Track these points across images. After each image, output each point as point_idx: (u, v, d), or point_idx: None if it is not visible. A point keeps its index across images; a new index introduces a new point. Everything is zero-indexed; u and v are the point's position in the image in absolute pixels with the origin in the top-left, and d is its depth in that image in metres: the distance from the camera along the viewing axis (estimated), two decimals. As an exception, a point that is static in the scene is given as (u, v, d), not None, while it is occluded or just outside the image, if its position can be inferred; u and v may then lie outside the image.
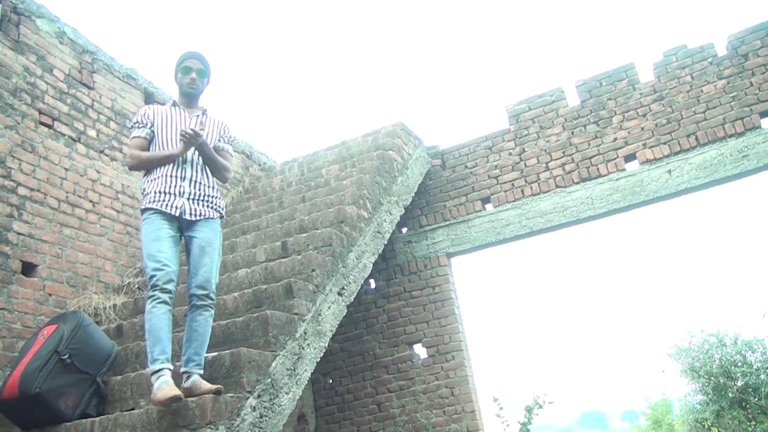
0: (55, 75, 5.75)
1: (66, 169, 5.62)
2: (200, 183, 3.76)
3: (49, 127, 5.56)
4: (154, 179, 3.71)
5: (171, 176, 3.69)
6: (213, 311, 3.67)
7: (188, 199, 3.69)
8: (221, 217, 3.86)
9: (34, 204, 5.21)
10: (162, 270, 3.45)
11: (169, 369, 3.38)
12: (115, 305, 5.33)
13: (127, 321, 5.16)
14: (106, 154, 6.13)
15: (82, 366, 4.00)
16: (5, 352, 4.65)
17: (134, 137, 3.82)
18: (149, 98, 6.93)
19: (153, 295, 3.42)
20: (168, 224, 3.63)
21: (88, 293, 5.42)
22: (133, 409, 3.91)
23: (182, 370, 3.49)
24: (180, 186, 3.69)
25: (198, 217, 3.70)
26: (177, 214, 3.64)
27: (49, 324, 4.17)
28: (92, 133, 6.03)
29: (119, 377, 4.21)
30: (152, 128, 3.80)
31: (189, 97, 3.89)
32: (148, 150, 3.80)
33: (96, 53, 6.31)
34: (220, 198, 3.86)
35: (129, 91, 6.66)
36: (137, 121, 3.84)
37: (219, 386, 3.47)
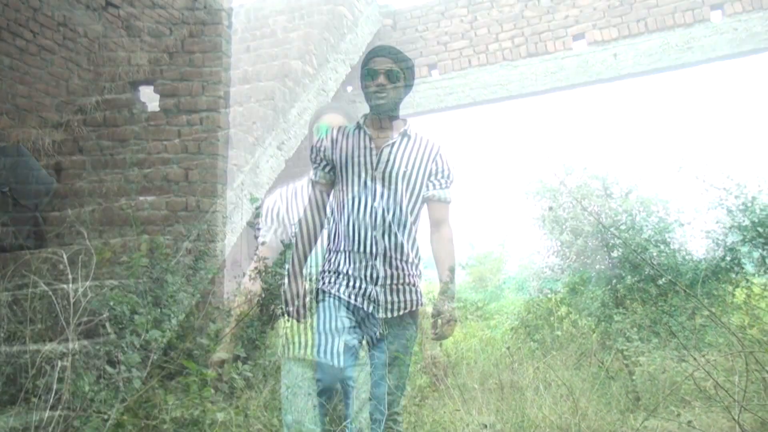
0: None
1: (3, -5, 5.38)
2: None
3: (-16, -54, 5.26)
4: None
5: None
6: None
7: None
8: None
9: (-30, 31, 5.03)
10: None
11: None
12: (54, 142, 5.32)
13: (66, 158, 5.20)
14: (44, -18, 5.86)
15: (21, 198, 4.10)
16: (-59, 179, 4.66)
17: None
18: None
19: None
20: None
21: (27, 128, 5.38)
22: (71, 244, 4.07)
23: None
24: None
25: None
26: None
27: (-13, 156, 4.21)
28: (30, -43, 5.72)
29: (58, 213, 4.34)
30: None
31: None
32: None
33: None
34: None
35: None
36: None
37: None
